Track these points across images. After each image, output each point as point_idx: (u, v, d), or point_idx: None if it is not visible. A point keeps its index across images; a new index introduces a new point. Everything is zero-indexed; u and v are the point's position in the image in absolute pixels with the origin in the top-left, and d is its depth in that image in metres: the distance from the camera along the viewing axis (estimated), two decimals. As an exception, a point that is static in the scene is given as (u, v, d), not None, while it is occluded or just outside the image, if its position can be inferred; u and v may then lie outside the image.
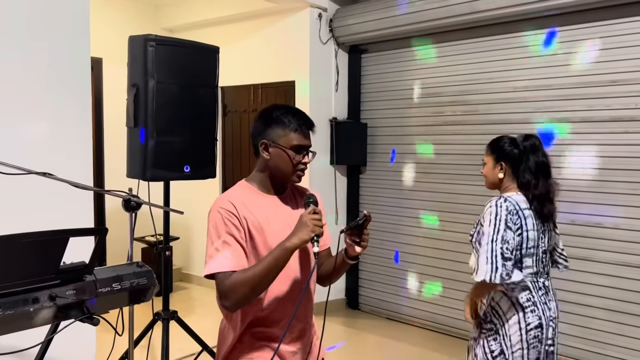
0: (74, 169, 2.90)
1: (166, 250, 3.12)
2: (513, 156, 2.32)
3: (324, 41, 4.94)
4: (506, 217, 2.19)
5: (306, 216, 1.59)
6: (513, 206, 2.22)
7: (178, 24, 5.81)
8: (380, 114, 5.01)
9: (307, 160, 1.72)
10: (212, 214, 1.68)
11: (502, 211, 2.20)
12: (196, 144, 3.06)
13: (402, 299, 4.86)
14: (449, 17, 4.19)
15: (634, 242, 3.56)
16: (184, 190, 4.55)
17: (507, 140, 2.36)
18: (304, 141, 1.71)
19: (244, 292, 1.57)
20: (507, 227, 2.19)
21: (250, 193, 1.74)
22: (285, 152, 1.69)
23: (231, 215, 1.65)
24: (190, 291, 5.76)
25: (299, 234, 1.57)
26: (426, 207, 4.67)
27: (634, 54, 3.55)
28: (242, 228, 1.66)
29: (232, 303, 1.59)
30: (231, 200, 1.68)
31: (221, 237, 1.63)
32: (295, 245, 1.56)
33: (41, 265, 1.69)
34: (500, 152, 2.34)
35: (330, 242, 1.88)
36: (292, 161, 1.69)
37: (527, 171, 2.29)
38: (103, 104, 5.26)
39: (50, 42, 2.91)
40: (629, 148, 3.58)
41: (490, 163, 2.38)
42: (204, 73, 3.11)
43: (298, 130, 1.70)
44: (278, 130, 1.70)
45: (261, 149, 1.73)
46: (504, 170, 2.33)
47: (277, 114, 1.72)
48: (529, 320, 2.24)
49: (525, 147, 2.31)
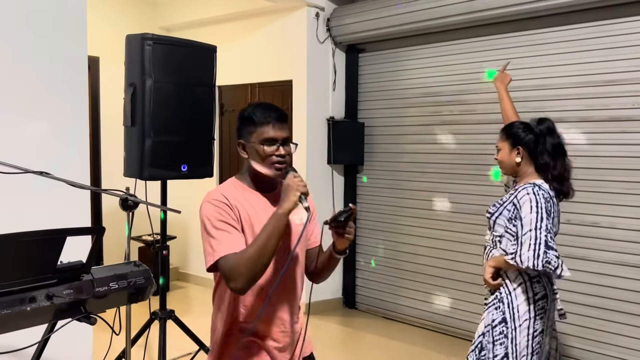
0: (71, 167, 2.89)
1: (163, 250, 3.12)
2: (529, 140, 2.38)
3: (322, 40, 4.94)
4: (545, 205, 2.26)
5: (289, 180, 1.64)
6: (548, 194, 2.30)
7: (175, 22, 5.80)
8: (378, 113, 5.01)
9: (282, 152, 1.70)
10: (203, 207, 1.69)
11: (540, 199, 2.27)
12: (193, 143, 3.06)
13: (399, 298, 4.87)
14: (447, 17, 4.19)
15: (631, 241, 3.57)
16: (181, 189, 4.54)
17: (521, 125, 2.43)
18: (275, 133, 1.70)
19: (248, 268, 1.57)
20: (548, 213, 2.25)
21: (240, 189, 1.75)
22: (255, 147, 1.70)
23: (223, 205, 1.67)
24: (187, 290, 5.76)
25: (286, 198, 1.61)
26: (423, 206, 4.67)
27: (630, 53, 3.56)
28: (235, 217, 1.67)
29: (241, 282, 1.57)
30: (222, 192, 1.70)
31: (216, 226, 1.64)
32: (286, 209, 1.60)
33: (38, 265, 1.68)
34: (516, 137, 2.40)
35: (319, 241, 1.89)
36: (263, 155, 1.70)
37: (545, 153, 2.37)
38: (100, 103, 5.25)
39: (47, 40, 2.90)
40: (625, 148, 3.59)
41: (505, 149, 2.43)
42: (202, 72, 3.11)
43: (265, 123, 1.70)
44: (249, 127, 1.72)
45: (240, 150, 1.76)
46: (522, 155, 2.39)
47: (247, 113, 1.74)
48: (536, 289, 2.30)
49: (541, 130, 2.39)
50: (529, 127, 2.41)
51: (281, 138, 1.71)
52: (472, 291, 4.34)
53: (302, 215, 1.75)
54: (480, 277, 4.20)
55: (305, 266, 1.86)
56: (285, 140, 1.72)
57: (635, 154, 3.55)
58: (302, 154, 4.87)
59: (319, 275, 1.85)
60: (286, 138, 1.72)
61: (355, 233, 1.72)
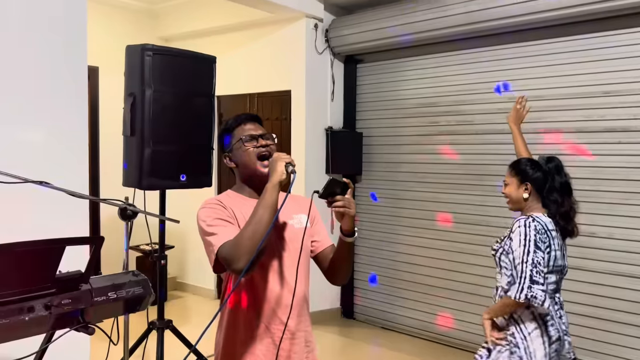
0: (70, 176, 2.90)
1: (161, 259, 3.12)
2: (537, 178, 2.43)
3: (320, 51, 4.97)
4: (535, 237, 2.28)
5: (275, 155, 1.69)
6: (542, 226, 2.32)
7: (175, 33, 5.84)
8: (376, 123, 5.03)
9: (264, 143, 1.76)
10: (199, 213, 1.72)
11: (530, 231, 2.29)
12: (192, 153, 3.07)
13: (398, 308, 4.86)
14: (444, 28, 4.23)
15: (628, 251, 3.58)
16: (179, 198, 4.54)
17: (529, 162, 2.49)
18: (252, 131, 1.78)
19: (245, 244, 1.56)
20: (537, 247, 2.27)
21: (236, 198, 1.79)
22: (236, 148, 1.77)
23: (217, 206, 1.71)
24: (185, 300, 5.74)
25: (273, 170, 1.64)
26: (422, 216, 4.68)
27: (627, 65, 3.59)
28: (230, 215, 1.70)
29: (242, 261, 1.55)
30: (217, 198, 1.76)
31: (211, 224, 1.67)
32: (275, 180, 1.62)
33: (37, 274, 1.68)
34: (524, 174, 2.45)
35: (331, 242, 1.86)
36: (244, 150, 1.75)
37: (554, 191, 2.41)
38: (99, 112, 5.26)
39: (47, 51, 2.92)
40: (622, 158, 3.61)
41: (514, 184, 2.48)
42: (201, 82, 3.13)
43: (238, 124, 1.79)
44: (227, 137, 1.81)
45: (227, 162, 1.82)
46: (529, 191, 2.42)
47: (222, 128, 1.84)
48: (550, 333, 2.31)
49: (550, 168, 2.44)
50: (538, 165, 2.46)
51: (258, 133, 1.78)
52: (470, 301, 4.34)
53: (302, 219, 1.77)
54: (479, 287, 4.22)
55: (324, 270, 1.83)
56: (263, 135, 1.78)
57: (632, 164, 3.57)
58: (300, 163, 4.86)
59: (335, 269, 1.79)
60: (263, 134, 1.78)
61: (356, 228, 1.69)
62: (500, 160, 4.17)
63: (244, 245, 1.56)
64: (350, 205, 1.63)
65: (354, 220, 1.68)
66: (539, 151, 2.99)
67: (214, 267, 1.66)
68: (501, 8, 3.88)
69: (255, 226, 1.57)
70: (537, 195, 2.44)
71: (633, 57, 3.57)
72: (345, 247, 1.73)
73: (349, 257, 1.79)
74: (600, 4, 3.50)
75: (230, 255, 1.58)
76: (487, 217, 4.25)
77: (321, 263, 1.84)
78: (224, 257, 1.60)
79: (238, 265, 1.56)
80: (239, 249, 1.56)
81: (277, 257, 1.73)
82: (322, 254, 1.83)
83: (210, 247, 1.65)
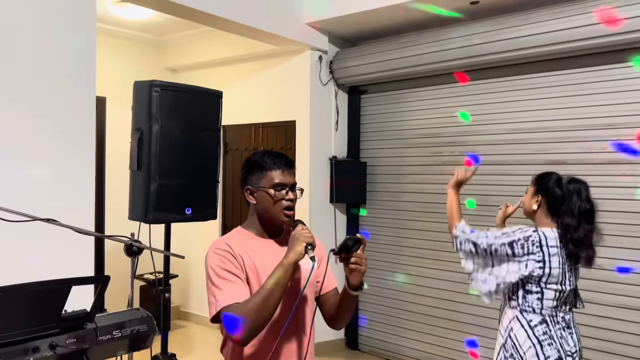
0: (76, 212, 2.93)
1: (166, 292, 3.12)
2: (552, 194, 2.38)
3: (324, 82, 5.04)
4: (530, 249, 2.30)
5: (296, 231, 1.66)
6: (538, 238, 2.31)
7: (181, 64, 5.93)
8: (380, 153, 5.07)
9: (292, 197, 1.75)
10: (208, 257, 1.71)
11: (517, 233, 2.34)
12: (198, 186, 3.09)
13: (402, 339, 4.81)
14: (446, 61, 4.29)
15: (633, 284, 3.55)
16: (183, 227, 4.56)
17: (554, 177, 2.43)
18: (284, 179, 1.76)
19: (251, 318, 1.55)
20: (522, 253, 2.31)
21: (245, 237, 1.78)
22: (266, 192, 1.74)
23: (227, 254, 1.68)
24: (189, 330, 5.71)
25: (292, 248, 1.62)
26: (426, 246, 4.67)
27: (627, 98, 3.63)
28: (239, 266, 1.68)
29: (245, 334, 1.55)
30: (226, 242, 1.73)
31: (220, 275, 1.65)
32: (292, 259, 1.61)
33: (43, 314, 1.70)
34: (541, 186, 2.43)
35: (336, 284, 1.87)
36: (274, 199, 1.73)
37: (569, 214, 2.33)
38: (105, 143, 5.32)
39: (56, 83, 2.98)
40: (625, 190, 3.62)
41: (530, 193, 2.48)
42: (207, 117, 3.17)
43: (275, 169, 1.76)
44: (257, 173, 1.77)
45: (247, 195, 1.80)
46: (539, 203, 2.40)
47: (255, 159, 1.80)
48: (547, 353, 2.26)
49: (569, 189, 2.37)
50: (559, 182, 2.39)
51: (290, 183, 1.76)
52: (475, 333, 4.30)
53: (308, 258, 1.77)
54: (484, 319, 4.18)
55: (324, 313, 1.84)
56: (293, 187, 1.77)
57: (635, 196, 3.57)
58: (305, 193, 4.88)
59: (337, 317, 1.80)
60: (294, 184, 1.78)
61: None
62: (503, 190, 4.19)
63: (248, 317, 1.56)
64: (362, 262, 1.65)
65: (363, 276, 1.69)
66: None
67: (212, 319, 1.66)
68: (500, 42, 3.95)
69: (263, 300, 1.57)
70: (547, 210, 2.39)
71: (634, 90, 3.61)
72: (350, 298, 1.74)
73: (352, 308, 1.79)
74: (594, 40, 3.56)
75: (233, 323, 1.58)
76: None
77: (322, 305, 1.84)
78: (225, 321, 1.60)
79: (238, 336, 1.57)
80: (243, 320, 1.55)
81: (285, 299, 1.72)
82: (325, 297, 1.83)
83: (213, 300, 1.64)
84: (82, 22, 3.11)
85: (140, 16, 5.10)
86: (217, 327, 1.86)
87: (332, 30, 4.92)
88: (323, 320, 1.85)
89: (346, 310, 1.78)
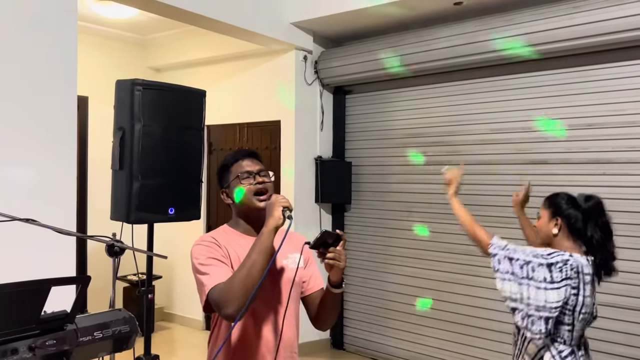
0: (57, 212, 2.89)
1: (149, 293, 3.09)
2: (570, 214, 2.27)
3: (309, 82, 5.03)
4: (567, 274, 2.14)
5: (273, 198, 1.66)
6: (576, 266, 2.16)
7: (165, 63, 5.89)
8: (365, 153, 5.08)
9: (260, 180, 1.76)
10: (193, 250, 1.72)
11: (557, 256, 2.16)
12: (181, 186, 3.07)
13: (388, 338, 4.83)
14: (430, 61, 4.31)
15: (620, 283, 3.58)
16: (167, 228, 4.52)
17: (565, 197, 2.33)
18: (248, 167, 1.78)
19: (237, 290, 1.53)
20: (558, 282, 2.13)
21: (232, 235, 1.78)
22: (235, 184, 1.76)
23: (212, 244, 1.70)
24: (172, 331, 5.66)
25: (270, 214, 1.61)
26: (411, 245, 4.69)
27: (609, 98, 3.68)
28: (225, 255, 1.69)
29: (233, 306, 1.53)
30: (212, 235, 1.75)
31: (204, 262, 1.66)
32: (271, 226, 1.60)
33: (21, 316, 1.66)
34: (557, 208, 2.30)
35: (323, 285, 1.86)
36: (244, 184, 1.75)
37: (598, 230, 2.24)
38: (88, 143, 5.26)
39: (36, 82, 2.94)
40: (606, 189, 3.66)
41: (545, 217, 2.34)
42: (191, 116, 3.14)
43: (236, 161, 1.80)
44: (225, 173, 1.82)
45: (224, 198, 1.82)
46: (559, 226, 2.28)
47: (221, 164, 1.85)
48: None
49: (590, 207, 2.27)
50: (575, 202, 2.30)
51: (255, 170, 1.78)
52: (459, 332, 4.33)
53: (296, 258, 1.76)
54: (469, 318, 4.21)
55: (310, 313, 1.83)
56: (260, 172, 1.78)
57: (616, 195, 3.62)
58: (290, 193, 4.89)
59: (321, 317, 1.80)
60: (260, 169, 1.79)
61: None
62: (487, 190, 4.23)
63: (235, 290, 1.54)
64: (341, 258, 1.62)
65: (343, 273, 1.67)
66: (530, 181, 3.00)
67: (204, 307, 1.65)
68: (483, 43, 3.98)
69: (248, 270, 1.55)
70: (568, 232, 2.26)
71: (616, 90, 3.66)
72: (332, 297, 1.73)
73: (336, 307, 1.77)
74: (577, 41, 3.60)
75: (221, 299, 1.56)
76: (475, 247, 4.26)
77: (308, 306, 1.83)
78: (214, 299, 1.59)
79: (228, 311, 1.55)
80: (230, 293, 1.54)
81: (268, 298, 1.72)
82: (310, 297, 1.83)
83: (202, 287, 1.64)
84: (63, 20, 3.07)
85: (124, 15, 5.05)
86: (202, 328, 1.84)
87: (317, 30, 4.92)
88: (307, 320, 1.85)
89: (330, 309, 1.77)
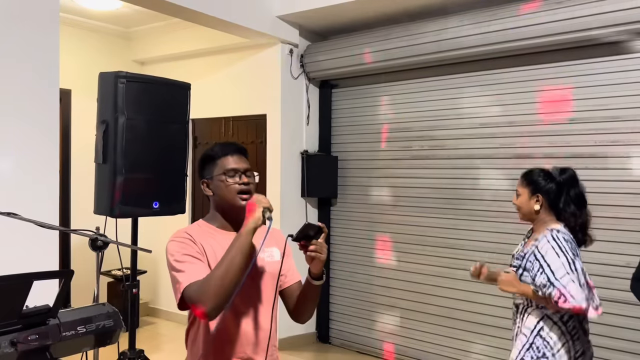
0: (40, 205, 2.86)
1: (133, 288, 3.07)
2: (549, 189, 2.37)
3: (295, 76, 5.02)
4: (570, 245, 2.25)
5: (254, 198, 1.66)
6: (568, 235, 2.29)
7: (149, 56, 5.83)
8: (351, 147, 5.08)
9: (245, 180, 1.74)
10: (168, 246, 1.70)
11: (562, 242, 2.24)
12: (165, 180, 3.05)
13: (373, 332, 4.85)
14: (416, 56, 4.32)
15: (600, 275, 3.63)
16: (151, 222, 4.49)
17: (541, 173, 2.42)
18: (235, 164, 1.76)
19: (215, 289, 1.52)
20: (575, 253, 2.24)
21: (207, 230, 1.77)
22: (219, 180, 1.74)
23: (187, 241, 1.68)
24: (157, 326, 5.63)
25: (250, 215, 1.61)
26: (396, 239, 4.71)
27: (591, 94, 3.72)
28: (200, 251, 1.67)
29: (209, 305, 1.52)
30: (186, 231, 1.72)
31: (179, 259, 1.64)
32: (251, 226, 1.59)
33: (3, 310, 1.64)
34: (536, 185, 2.39)
35: (300, 277, 1.86)
36: (227, 184, 1.73)
37: (570, 203, 2.35)
38: (71, 136, 5.20)
39: (17, 74, 2.89)
40: (589, 184, 3.67)
41: (525, 195, 2.42)
42: (175, 109, 3.12)
43: (224, 156, 1.76)
44: (210, 164, 1.78)
45: (204, 188, 1.80)
46: (541, 202, 2.37)
47: (206, 152, 1.82)
48: (576, 347, 2.29)
49: (564, 179, 2.38)
50: (550, 176, 2.40)
51: (242, 168, 1.76)
52: (446, 325, 4.36)
53: (273, 252, 1.76)
54: (454, 311, 4.25)
55: (288, 307, 1.83)
56: (246, 172, 1.76)
57: (598, 189, 3.66)
58: (276, 187, 4.88)
59: (300, 309, 1.79)
60: (247, 169, 1.77)
61: (328, 258, 1.69)
62: (471, 184, 4.26)
63: (211, 287, 1.53)
64: (322, 250, 1.63)
65: (323, 265, 1.68)
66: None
67: (179, 305, 1.64)
68: (469, 37, 4.00)
69: (226, 268, 1.54)
70: (549, 207, 2.37)
71: (597, 85, 3.70)
72: (312, 289, 1.73)
73: (315, 299, 1.77)
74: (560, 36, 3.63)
75: (196, 296, 1.55)
76: (460, 241, 4.31)
77: (286, 299, 1.83)
78: (190, 297, 1.58)
79: (204, 309, 1.53)
80: (207, 292, 1.53)
81: (247, 291, 1.71)
82: (288, 290, 1.82)
83: (177, 284, 1.62)
84: (45, 12, 3.02)
85: (107, 7, 4.98)
86: (186, 323, 1.83)
87: (303, 23, 4.90)
88: (287, 313, 1.84)
89: (309, 301, 1.77)
